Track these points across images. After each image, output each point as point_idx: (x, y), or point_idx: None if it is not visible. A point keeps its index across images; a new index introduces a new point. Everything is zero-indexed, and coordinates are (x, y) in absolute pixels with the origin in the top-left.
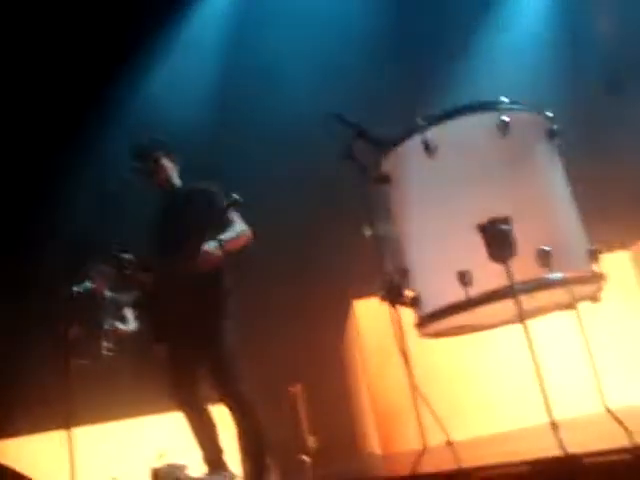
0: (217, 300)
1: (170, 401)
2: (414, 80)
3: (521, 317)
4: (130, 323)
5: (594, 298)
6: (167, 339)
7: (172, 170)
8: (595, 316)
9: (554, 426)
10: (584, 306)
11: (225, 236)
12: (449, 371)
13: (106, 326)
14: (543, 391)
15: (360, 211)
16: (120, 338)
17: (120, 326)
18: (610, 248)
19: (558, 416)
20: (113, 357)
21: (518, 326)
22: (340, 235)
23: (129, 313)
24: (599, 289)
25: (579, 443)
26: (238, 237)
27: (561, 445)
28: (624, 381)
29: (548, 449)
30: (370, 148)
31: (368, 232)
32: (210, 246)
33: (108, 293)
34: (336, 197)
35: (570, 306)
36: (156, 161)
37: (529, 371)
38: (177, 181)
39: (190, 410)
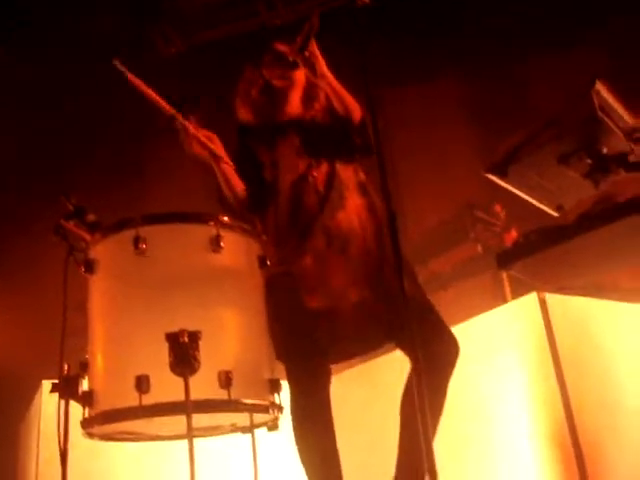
0: None
1: None
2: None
3: (190, 435)
4: None
5: (272, 426)
6: None
7: None
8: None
9: None
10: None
11: None
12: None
13: None
14: None
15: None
16: None
17: None
18: None
19: None
20: None
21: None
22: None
23: None
24: (277, 418)
25: None
26: None
27: None
28: None
29: None
30: (82, 230)
31: None
32: None
33: None
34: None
35: (247, 430)
36: None
37: None
38: None
39: None
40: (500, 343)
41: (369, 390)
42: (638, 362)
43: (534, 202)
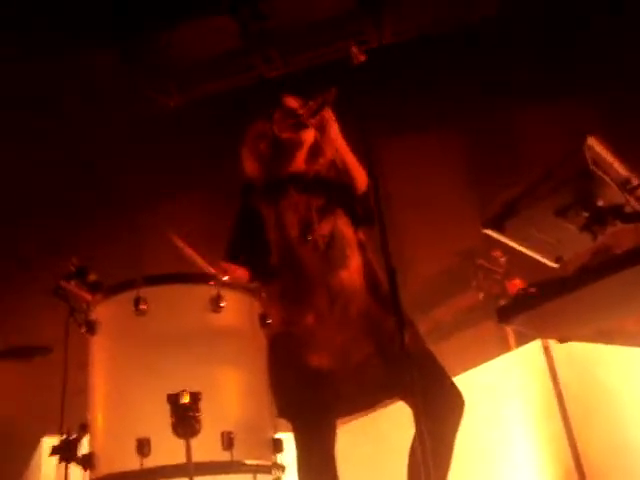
0: None
1: None
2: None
3: None
4: None
5: None
6: None
7: None
8: None
9: None
10: None
11: None
12: None
13: None
14: None
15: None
16: None
17: None
18: None
19: None
20: None
21: None
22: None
23: None
24: (279, 478)
25: None
26: None
27: None
28: None
29: None
30: (83, 291)
31: None
32: None
33: None
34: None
35: None
36: None
37: None
38: None
39: None
40: (505, 391)
41: (375, 442)
42: None
43: (533, 255)
